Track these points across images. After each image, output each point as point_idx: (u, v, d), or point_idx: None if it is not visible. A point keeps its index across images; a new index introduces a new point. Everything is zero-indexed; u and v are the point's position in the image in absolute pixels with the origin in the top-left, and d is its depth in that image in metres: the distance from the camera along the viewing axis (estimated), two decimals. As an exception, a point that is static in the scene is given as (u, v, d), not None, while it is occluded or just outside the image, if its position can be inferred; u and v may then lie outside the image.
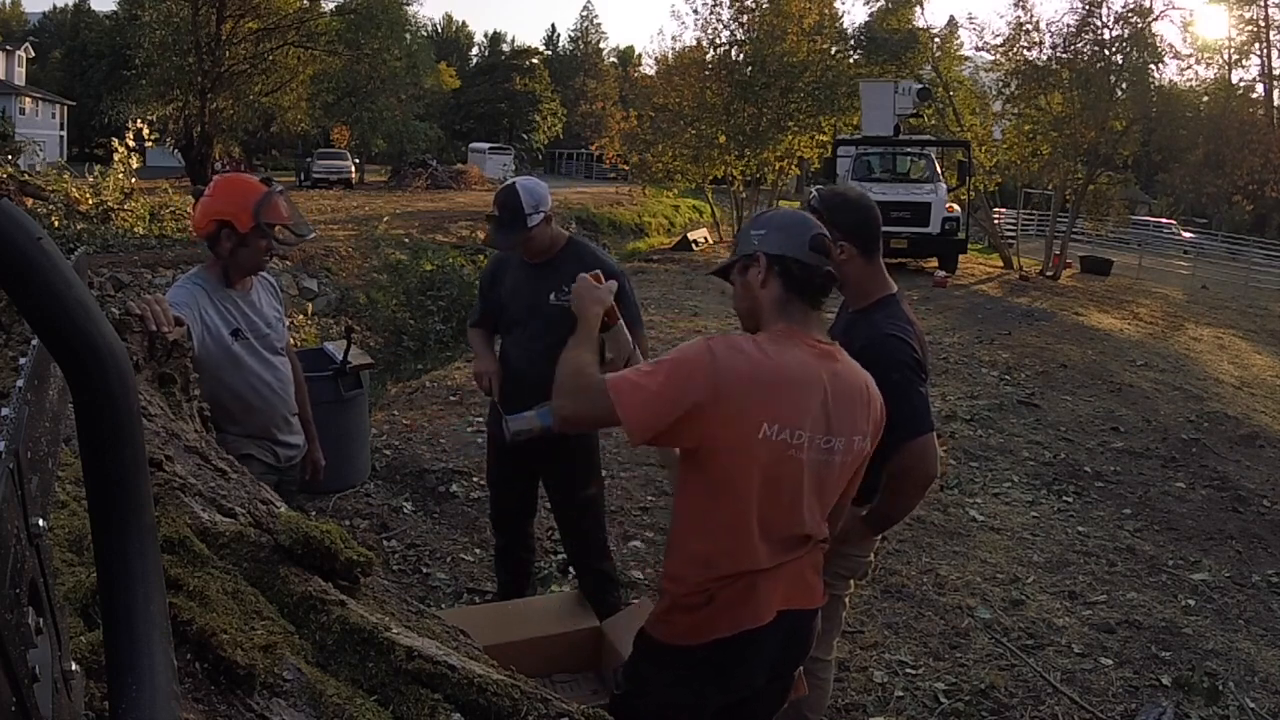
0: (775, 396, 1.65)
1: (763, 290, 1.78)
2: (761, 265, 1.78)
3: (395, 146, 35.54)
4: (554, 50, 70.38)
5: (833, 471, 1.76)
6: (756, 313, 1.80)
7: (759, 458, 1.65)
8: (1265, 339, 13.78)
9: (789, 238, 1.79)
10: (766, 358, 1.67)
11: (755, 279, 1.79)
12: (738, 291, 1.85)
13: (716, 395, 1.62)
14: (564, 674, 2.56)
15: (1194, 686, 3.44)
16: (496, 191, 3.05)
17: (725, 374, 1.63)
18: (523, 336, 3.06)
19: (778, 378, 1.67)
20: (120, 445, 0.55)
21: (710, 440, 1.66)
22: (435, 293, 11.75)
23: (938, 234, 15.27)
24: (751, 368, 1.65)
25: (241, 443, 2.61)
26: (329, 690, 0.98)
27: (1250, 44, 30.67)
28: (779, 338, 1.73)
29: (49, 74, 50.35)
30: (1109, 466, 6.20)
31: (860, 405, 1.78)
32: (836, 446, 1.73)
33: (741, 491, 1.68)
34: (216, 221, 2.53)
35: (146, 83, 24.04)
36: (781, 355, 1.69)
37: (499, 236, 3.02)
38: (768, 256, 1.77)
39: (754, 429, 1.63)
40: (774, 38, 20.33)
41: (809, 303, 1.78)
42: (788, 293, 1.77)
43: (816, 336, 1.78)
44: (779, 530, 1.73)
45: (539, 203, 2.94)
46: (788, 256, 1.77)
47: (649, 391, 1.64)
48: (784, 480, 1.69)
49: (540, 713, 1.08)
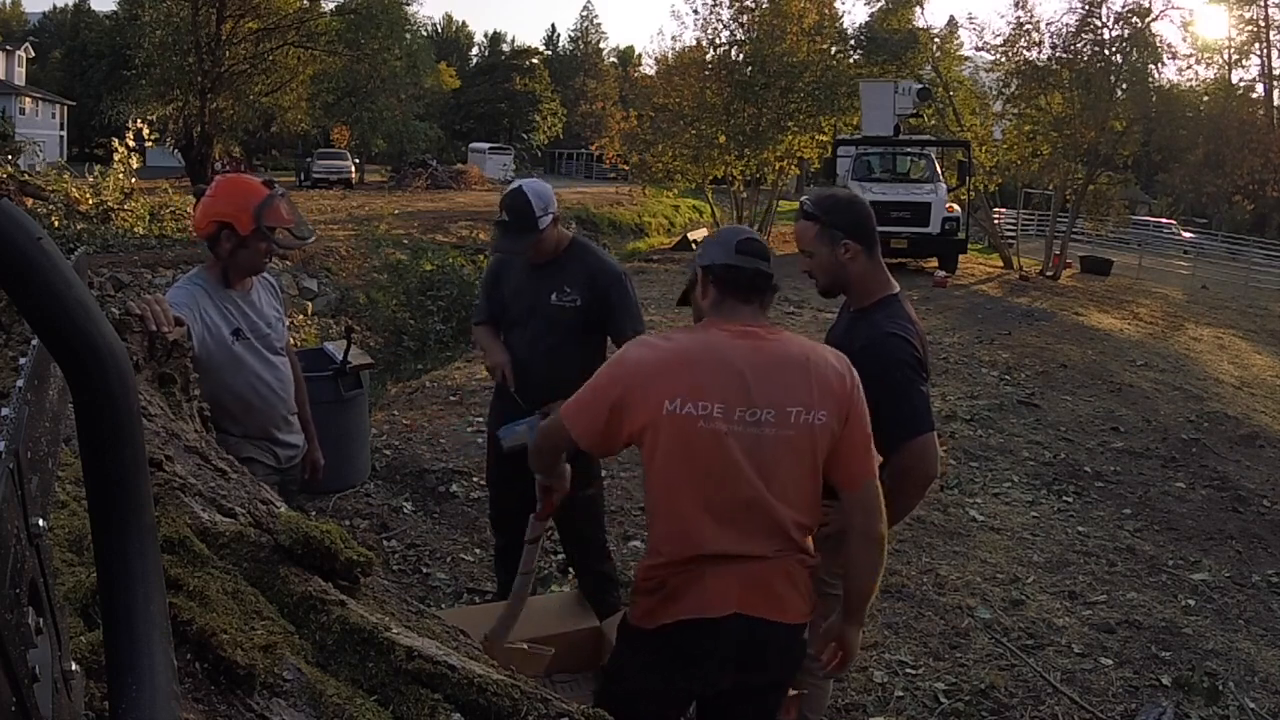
0: (675, 374, 1.77)
1: (704, 300, 1.93)
2: (700, 279, 1.94)
3: (395, 146, 35.53)
4: (554, 50, 70.37)
5: (772, 445, 1.78)
6: (699, 314, 1.96)
7: (668, 432, 1.76)
8: (1265, 339, 13.78)
9: (718, 248, 1.94)
10: (669, 343, 1.85)
11: (699, 293, 1.95)
12: (694, 310, 2.01)
13: (627, 387, 1.79)
14: (564, 674, 2.56)
15: (1194, 686, 3.44)
16: (503, 196, 3.01)
17: (630, 366, 1.83)
18: (524, 336, 3.06)
19: (677, 358, 1.80)
20: (120, 445, 0.55)
21: (633, 429, 1.80)
22: (435, 293, 11.74)
23: (938, 234, 15.26)
24: (654, 355, 1.82)
25: (242, 445, 2.61)
26: (329, 690, 0.98)
27: (1250, 44, 30.70)
28: (694, 328, 1.92)
29: (49, 74, 50.34)
30: (1109, 466, 6.20)
31: (796, 376, 1.81)
32: (765, 418, 1.77)
33: (667, 472, 1.79)
34: (217, 222, 2.53)
35: (146, 83, 24.04)
36: (686, 339, 1.85)
37: (508, 241, 2.99)
38: (702, 268, 1.93)
39: (658, 407, 1.75)
40: (774, 38, 20.32)
41: (740, 299, 1.89)
42: (721, 294, 1.90)
43: (742, 324, 1.86)
44: (723, 505, 1.77)
45: (547, 205, 2.93)
46: (716, 264, 1.90)
47: (583, 402, 1.86)
48: (706, 453, 1.76)
49: (540, 713, 1.08)
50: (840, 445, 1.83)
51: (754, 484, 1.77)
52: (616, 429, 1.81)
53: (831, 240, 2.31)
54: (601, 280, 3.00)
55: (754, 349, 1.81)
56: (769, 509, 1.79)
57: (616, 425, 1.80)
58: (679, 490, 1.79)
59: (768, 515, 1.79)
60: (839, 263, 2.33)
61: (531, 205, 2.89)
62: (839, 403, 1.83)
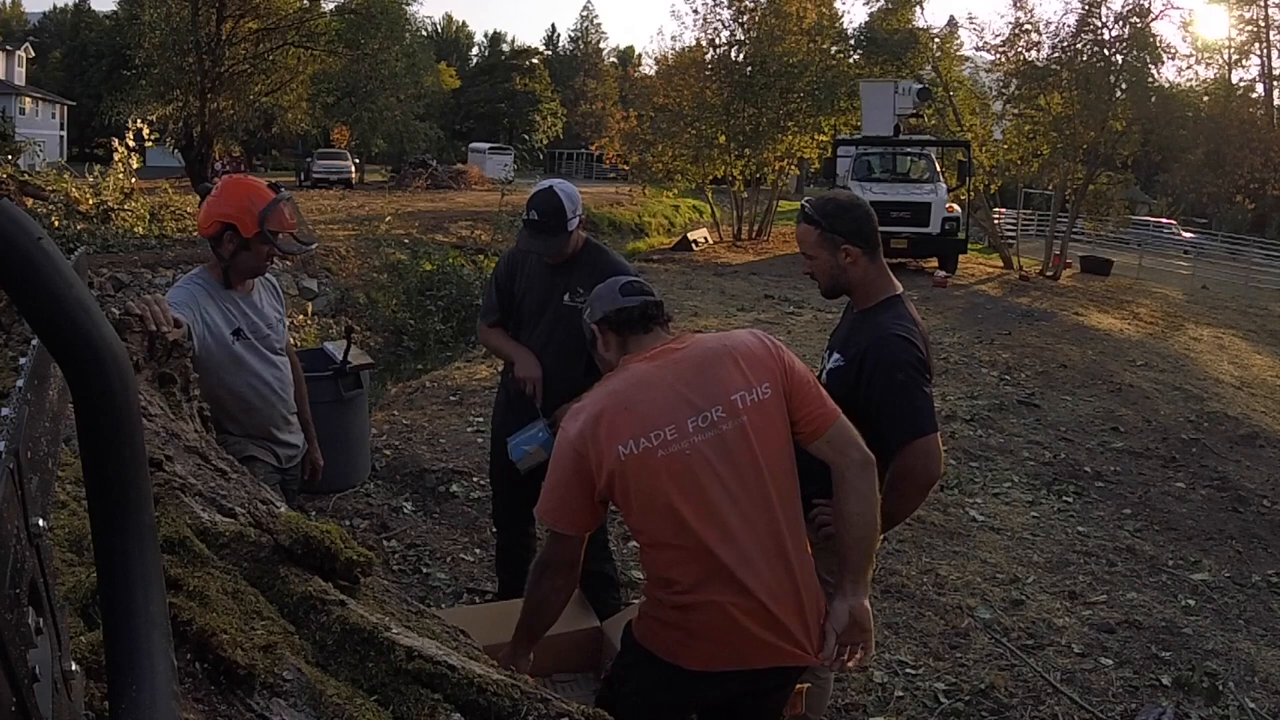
0: (614, 419, 1.77)
1: (608, 352, 1.97)
2: (598, 332, 1.98)
3: (395, 146, 35.51)
4: (554, 50, 70.34)
5: (735, 438, 1.78)
6: (607, 364, 1.99)
7: (633, 473, 1.75)
8: (1265, 339, 13.77)
9: (602, 301, 1.99)
10: (595, 397, 1.84)
11: (601, 347, 1.99)
12: (602, 371, 2.02)
13: (580, 455, 1.78)
14: (564, 674, 2.56)
15: (1194, 686, 3.44)
16: (532, 194, 2.96)
17: (574, 436, 1.80)
18: (533, 335, 3.06)
19: (610, 404, 1.80)
20: (120, 445, 0.55)
21: (601, 488, 1.79)
22: (435, 293, 11.74)
23: (938, 234, 15.27)
24: (588, 413, 1.81)
25: (244, 444, 2.61)
26: (329, 690, 0.98)
27: (1250, 44, 30.69)
28: (611, 374, 1.92)
29: (49, 74, 50.32)
30: (1109, 466, 6.20)
31: (724, 365, 1.82)
32: (715, 416, 1.78)
33: (649, 510, 1.77)
34: (221, 223, 2.53)
35: (146, 83, 24.00)
36: (606, 386, 1.86)
37: (538, 242, 2.94)
38: (596, 324, 1.98)
39: (614, 457, 1.75)
40: (774, 38, 20.34)
41: (641, 330, 1.94)
42: (621, 336, 1.95)
43: (651, 348, 1.90)
44: (715, 513, 1.75)
45: (577, 207, 2.92)
46: (608, 312, 1.96)
47: (559, 499, 1.83)
48: (678, 476, 1.75)
49: (540, 713, 1.08)
50: (793, 403, 1.84)
51: (734, 481, 1.76)
52: (589, 500, 1.81)
53: (832, 245, 2.32)
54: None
55: (673, 362, 1.83)
56: (758, 500, 1.77)
57: (588, 497, 1.81)
58: (671, 520, 1.76)
59: (762, 509, 1.78)
60: (840, 267, 2.33)
61: (564, 207, 2.87)
62: (771, 370, 1.84)
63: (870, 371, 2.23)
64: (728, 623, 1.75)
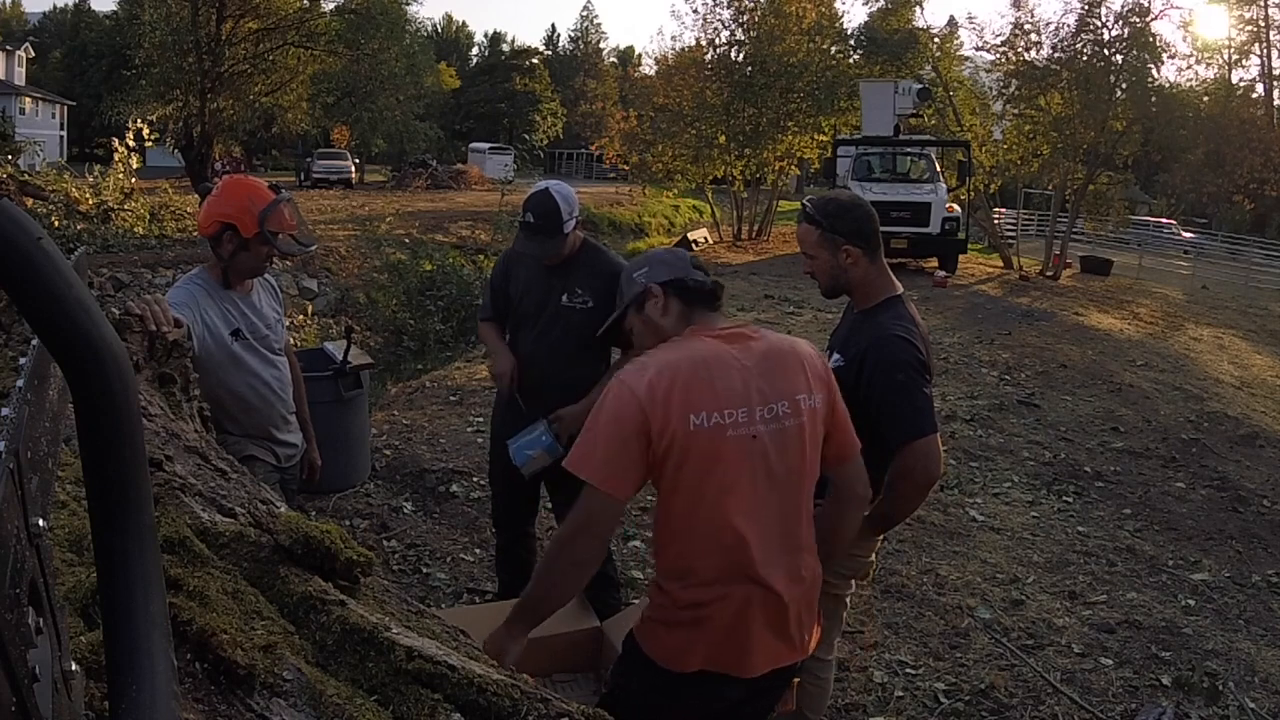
0: (690, 388, 1.69)
1: (664, 317, 1.87)
2: (657, 294, 1.87)
3: (395, 146, 35.51)
4: (554, 50, 70.34)
5: (793, 436, 1.78)
6: (666, 338, 1.85)
7: (697, 448, 1.68)
8: (1265, 339, 13.77)
9: (672, 266, 1.90)
10: (669, 359, 1.74)
11: (655, 310, 1.87)
12: (640, 332, 1.92)
13: (646, 414, 1.67)
14: (564, 674, 2.56)
15: (1194, 686, 3.44)
16: (528, 196, 2.96)
17: (646, 394, 1.68)
18: (531, 335, 3.06)
19: (688, 371, 1.71)
20: (120, 445, 0.55)
21: (653, 458, 1.70)
22: (435, 293, 11.75)
23: (938, 234, 15.27)
24: (657, 374, 1.70)
25: (243, 444, 2.61)
26: (329, 690, 0.98)
27: (1250, 44, 30.68)
28: (678, 341, 1.81)
29: (49, 74, 50.33)
30: (1109, 466, 6.20)
31: (793, 365, 1.81)
32: (781, 411, 1.76)
33: (699, 489, 1.71)
34: (221, 222, 2.53)
35: (146, 83, 24.00)
36: (678, 352, 1.75)
37: (534, 244, 2.94)
38: (661, 285, 1.87)
39: (682, 424, 1.68)
40: (774, 38, 20.34)
41: (710, 307, 1.87)
42: (689, 306, 1.86)
43: (721, 327, 1.83)
44: (758, 509, 1.73)
45: (573, 209, 2.92)
46: (678, 279, 1.87)
47: (604, 455, 1.69)
48: (739, 460, 1.71)
49: (540, 713, 1.08)
50: (831, 423, 1.87)
51: (782, 477, 1.76)
52: (643, 464, 1.70)
53: (833, 245, 2.32)
54: (615, 282, 3.00)
55: (749, 349, 1.79)
56: (793, 499, 1.78)
57: (642, 459, 1.69)
58: (715, 504, 1.71)
59: (793, 509, 1.78)
60: (840, 267, 2.33)
61: (560, 209, 2.87)
62: (825, 384, 1.86)
63: (870, 372, 2.23)
64: (739, 621, 1.73)
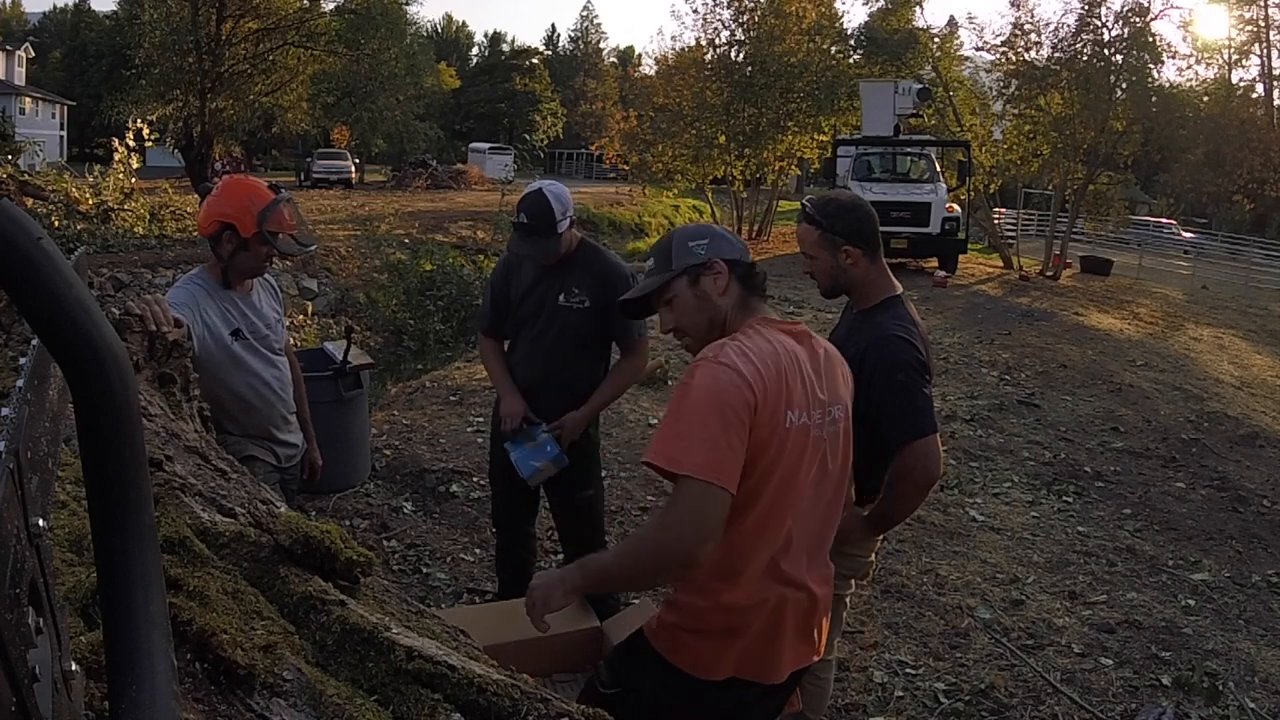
0: (785, 384, 1.62)
1: (723, 297, 1.75)
2: (721, 270, 1.75)
3: (395, 146, 35.51)
4: (554, 50, 70.35)
5: (844, 440, 1.77)
6: (718, 320, 1.76)
7: (785, 446, 1.61)
8: (1265, 339, 13.77)
9: (734, 245, 1.81)
10: (768, 352, 1.63)
11: (714, 287, 1.75)
12: (689, 305, 1.77)
13: (757, 399, 1.57)
14: (564, 674, 2.56)
15: (1194, 686, 3.44)
16: (522, 197, 2.97)
17: (753, 380, 1.57)
18: (530, 335, 3.07)
19: (779, 366, 1.63)
20: (120, 445, 0.55)
21: (752, 445, 1.58)
22: (435, 293, 11.75)
23: (938, 234, 15.27)
24: (761, 361, 1.61)
25: (243, 444, 2.61)
26: (329, 690, 0.98)
27: (1250, 44, 30.68)
28: (760, 331, 1.69)
29: (49, 74, 50.33)
30: (1109, 466, 6.20)
31: (837, 368, 1.80)
32: (835, 414, 1.74)
33: (782, 489, 1.64)
34: (220, 222, 2.53)
35: (146, 83, 24.00)
36: (770, 343, 1.66)
37: (528, 245, 2.95)
38: (726, 261, 1.76)
39: (781, 421, 1.61)
40: (774, 38, 20.35)
41: (762, 298, 1.80)
42: (747, 292, 1.77)
43: (787, 322, 1.78)
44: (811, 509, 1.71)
45: (567, 208, 2.92)
46: (743, 260, 1.79)
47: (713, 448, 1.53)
48: (811, 461, 1.68)
49: (540, 713, 1.08)
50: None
51: (834, 477, 1.75)
52: (744, 452, 1.57)
53: (832, 245, 2.32)
54: (611, 281, 3.00)
55: (812, 349, 1.74)
56: (833, 502, 1.77)
57: (744, 447, 1.57)
58: (775, 502, 1.64)
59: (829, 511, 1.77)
60: (840, 267, 2.34)
61: (553, 209, 2.88)
62: (851, 394, 1.86)
63: (870, 372, 2.23)
64: (774, 625, 1.69)
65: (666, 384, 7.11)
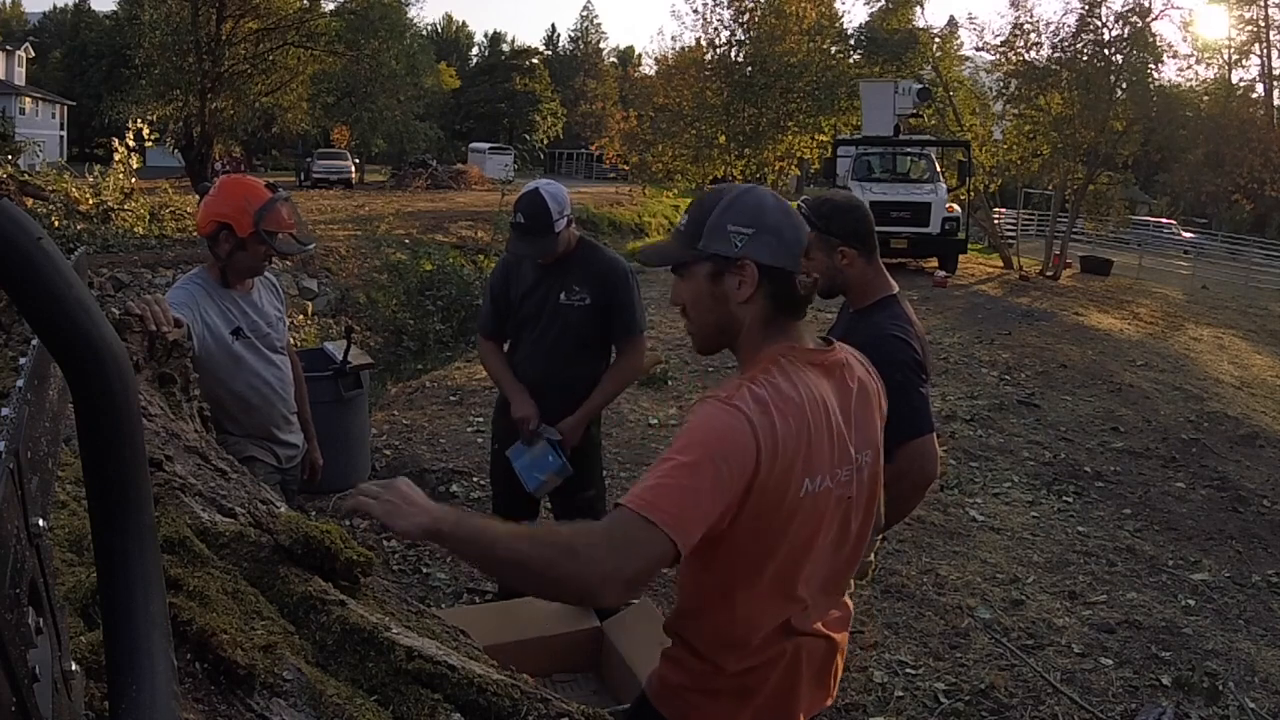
0: (808, 445, 1.36)
1: (742, 306, 1.42)
2: (750, 277, 1.40)
3: (395, 146, 35.51)
4: (554, 50, 70.36)
5: (871, 484, 1.54)
6: (730, 329, 1.46)
7: (796, 516, 1.38)
8: (1265, 339, 13.77)
9: (785, 246, 1.41)
10: (793, 402, 1.36)
11: (733, 289, 1.41)
12: (702, 297, 1.46)
13: (759, 462, 1.31)
14: (564, 674, 2.56)
15: (1194, 686, 3.44)
16: (519, 198, 2.98)
17: (768, 441, 1.31)
18: (532, 335, 3.08)
19: (808, 421, 1.37)
20: (120, 445, 0.55)
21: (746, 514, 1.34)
22: (435, 293, 11.75)
23: (938, 234, 15.27)
24: (785, 423, 1.33)
25: (243, 444, 2.61)
26: (329, 690, 0.98)
27: (1250, 44, 30.64)
28: (786, 368, 1.40)
29: (49, 74, 50.32)
30: (1109, 466, 6.20)
31: (872, 411, 1.55)
32: (864, 461, 1.50)
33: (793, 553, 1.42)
34: (217, 222, 2.53)
35: (146, 83, 24.01)
36: (798, 388, 1.38)
37: (525, 244, 2.95)
38: (760, 267, 1.40)
39: (797, 489, 1.36)
40: (774, 38, 20.37)
41: (796, 317, 1.47)
42: (775, 310, 1.43)
43: (818, 351, 1.47)
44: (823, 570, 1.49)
45: (563, 207, 2.93)
46: (784, 270, 1.41)
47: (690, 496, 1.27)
48: (831, 522, 1.45)
49: (540, 713, 1.08)
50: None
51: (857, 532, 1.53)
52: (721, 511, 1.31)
53: (828, 246, 2.32)
54: (611, 279, 3.01)
55: (846, 385, 1.48)
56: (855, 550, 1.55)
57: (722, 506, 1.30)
58: (786, 568, 1.42)
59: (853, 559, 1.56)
60: (836, 268, 2.34)
61: (549, 208, 2.88)
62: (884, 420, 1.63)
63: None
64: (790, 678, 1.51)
65: (666, 383, 7.11)
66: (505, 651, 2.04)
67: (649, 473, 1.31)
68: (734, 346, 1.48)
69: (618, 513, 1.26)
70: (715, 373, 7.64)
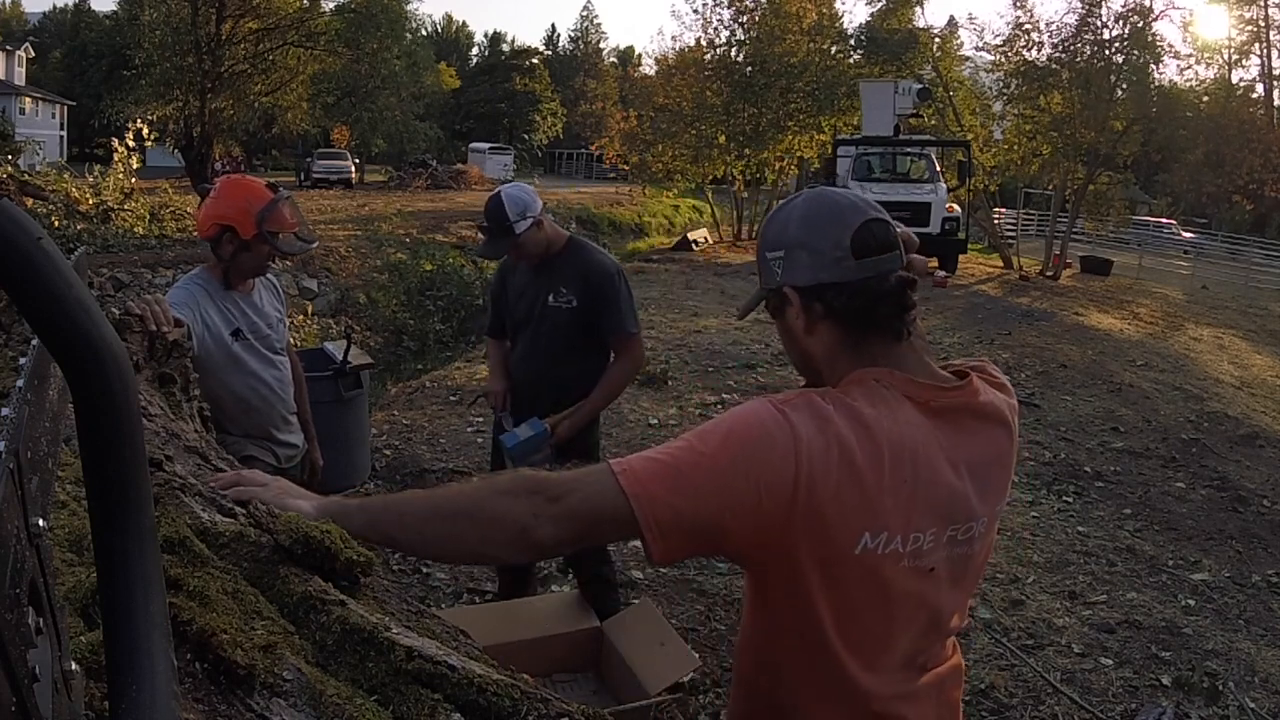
0: (878, 490, 1.09)
1: (810, 337, 1.19)
2: (795, 305, 1.18)
3: (395, 146, 35.54)
4: (554, 50, 70.38)
5: (977, 557, 1.24)
6: (811, 365, 1.23)
7: (852, 575, 1.11)
8: (1265, 339, 13.78)
9: (818, 257, 1.15)
10: (869, 432, 1.09)
11: (796, 323, 1.19)
12: (782, 339, 1.28)
13: (798, 493, 1.06)
14: (564, 674, 2.56)
15: (1194, 686, 3.44)
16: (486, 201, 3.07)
17: (814, 462, 1.06)
18: (526, 336, 3.12)
19: (882, 459, 1.09)
20: (120, 445, 0.55)
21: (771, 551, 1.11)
22: (435, 293, 11.77)
23: (938, 234, 15.28)
24: (841, 448, 1.08)
25: (243, 444, 2.61)
26: (329, 690, 0.98)
27: (1250, 44, 30.64)
28: (879, 391, 1.14)
29: (49, 74, 50.33)
30: (1109, 466, 6.20)
31: (1007, 451, 1.26)
32: (977, 531, 1.19)
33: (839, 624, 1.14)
34: (219, 225, 2.52)
35: (146, 83, 24.02)
36: (886, 422, 1.11)
37: (486, 245, 3.10)
38: (798, 292, 1.17)
39: (847, 543, 1.09)
40: (774, 38, 20.38)
41: (891, 335, 1.18)
42: (851, 331, 1.17)
43: (925, 380, 1.18)
44: (908, 650, 1.20)
45: (524, 209, 2.95)
46: (824, 284, 1.15)
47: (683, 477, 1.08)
48: (904, 597, 1.15)
49: (540, 713, 1.08)
50: None
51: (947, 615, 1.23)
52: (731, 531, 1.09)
53: None
54: (594, 278, 3.02)
55: (963, 434, 1.17)
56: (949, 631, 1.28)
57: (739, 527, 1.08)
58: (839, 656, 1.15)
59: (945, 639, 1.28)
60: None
61: (506, 210, 2.94)
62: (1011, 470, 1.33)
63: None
64: None
65: (666, 384, 7.11)
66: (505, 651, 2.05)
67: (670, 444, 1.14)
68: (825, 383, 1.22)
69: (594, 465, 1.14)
70: (715, 373, 7.64)
